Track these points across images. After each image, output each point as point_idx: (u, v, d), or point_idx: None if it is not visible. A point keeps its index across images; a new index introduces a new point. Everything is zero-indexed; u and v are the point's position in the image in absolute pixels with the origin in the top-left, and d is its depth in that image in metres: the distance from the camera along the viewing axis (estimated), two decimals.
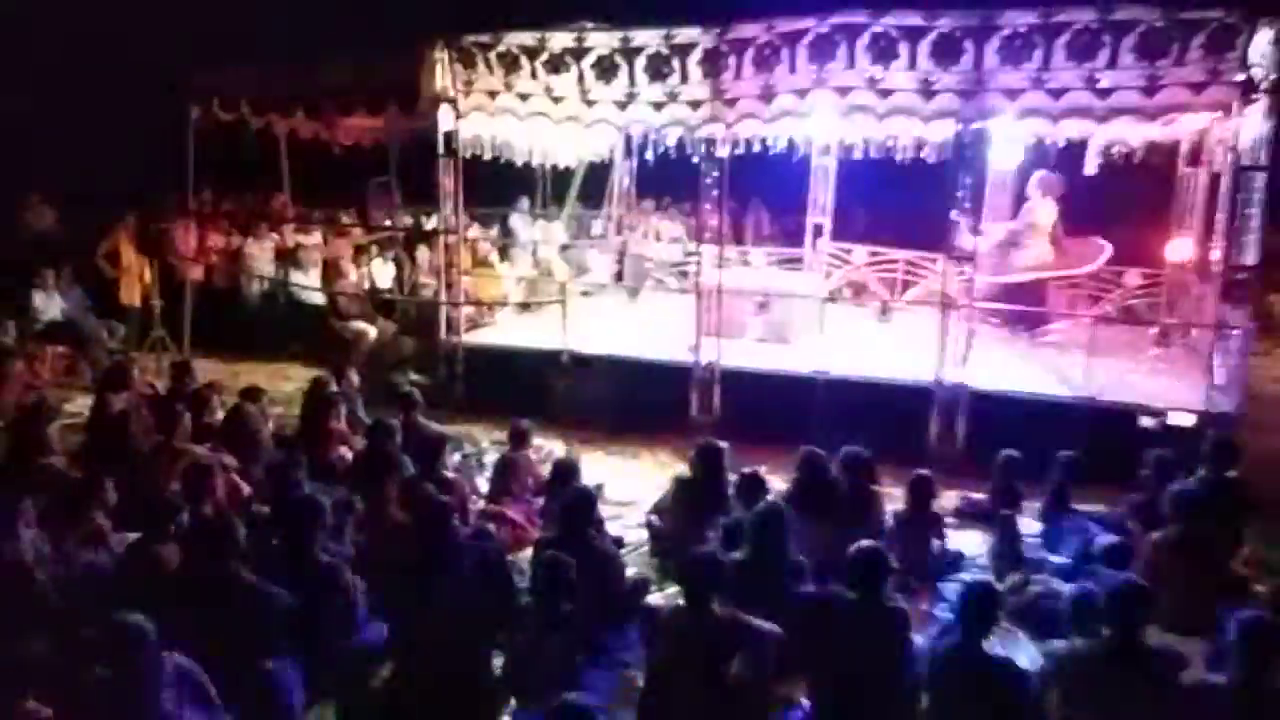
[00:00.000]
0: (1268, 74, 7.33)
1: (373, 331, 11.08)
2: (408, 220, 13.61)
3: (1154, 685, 3.97)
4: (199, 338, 11.03)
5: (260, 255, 12.09)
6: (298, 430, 7.33)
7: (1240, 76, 7.35)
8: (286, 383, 10.17)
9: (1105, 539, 6.09)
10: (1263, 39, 7.28)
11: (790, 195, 12.97)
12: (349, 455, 6.94)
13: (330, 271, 11.97)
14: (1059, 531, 6.37)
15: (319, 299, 11.68)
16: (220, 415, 7.29)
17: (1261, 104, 7.42)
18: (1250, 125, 7.57)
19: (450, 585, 4.72)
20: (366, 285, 12.00)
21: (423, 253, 12.32)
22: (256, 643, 4.36)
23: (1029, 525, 6.46)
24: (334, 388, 7.70)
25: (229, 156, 11.67)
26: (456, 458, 7.64)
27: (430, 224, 11.97)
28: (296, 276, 11.88)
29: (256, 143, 11.40)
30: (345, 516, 5.60)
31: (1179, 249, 10.27)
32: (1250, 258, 7.83)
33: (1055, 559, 6.10)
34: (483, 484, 7.14)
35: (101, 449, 6.85)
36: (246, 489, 6.29)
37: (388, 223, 13.45)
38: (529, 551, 5.68)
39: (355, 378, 8.29)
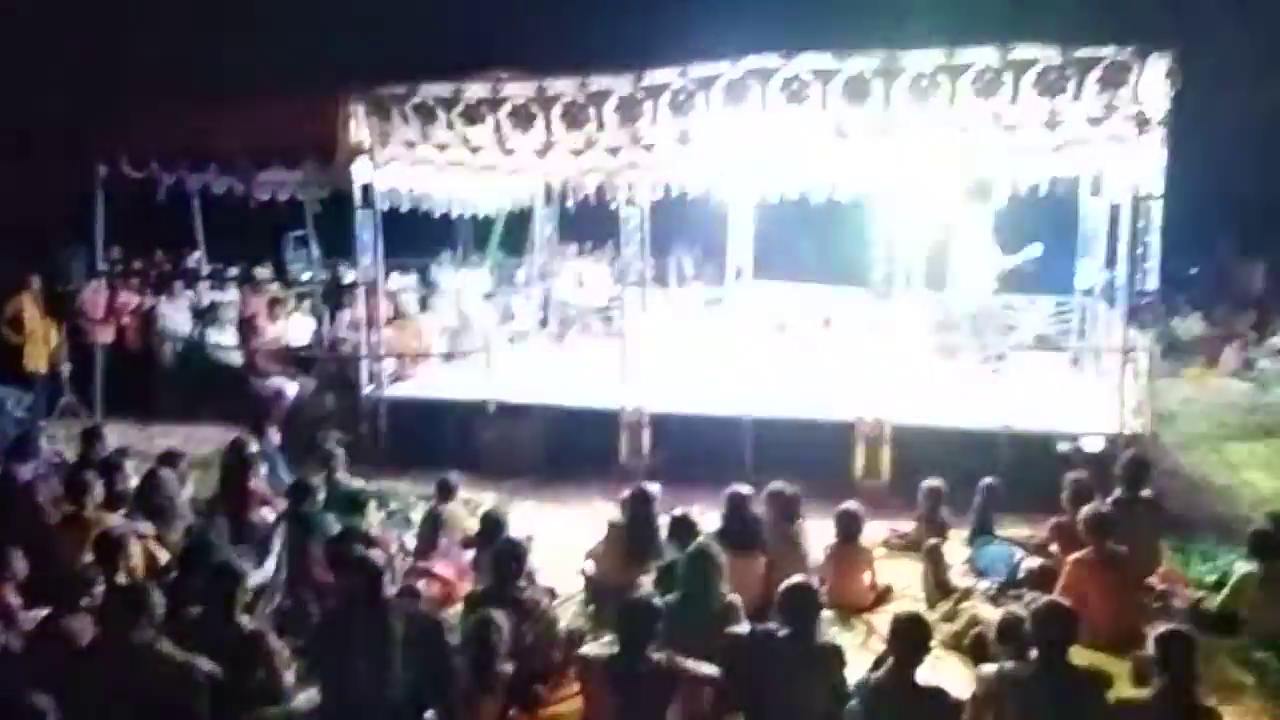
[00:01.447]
0: (1160, 107, 7.66)
1: (292, 388, 10.85)
2: (326, 274, 13.44)
3: (1081, 704, 4.03)
4: (111, 402, 10.70)
5: (174, 314, 11.81)
6: (217, 493, 7.13)
7: (1135, 110, 7.66)
8: (204, 445, 9.89)
9: (1029, 562, 6.22)
10: (1153, 74, 7.61)
11: (712, 237, 13.12)
12: (270, 516, 6.76)
13: (247, 329, 11.73)
14: (985, 557, 6.48)
15: (236, 357, 11.43)
16: (134, 481, 7.06)
17: (1155, 136, 7.74)
18: (1146, 156, 7.88)
19: (380, 647, 4.61)
20: (285, 341, 11.78)
21: (342, 306, 12.15)
22: (177, 717, 4.20)
23: (956, 552, 6.55)
24: (253, 448, 7.52)
25: (139, 213, 11.42)
26: (382, 514, 7.49)
27: (349, 277, 11.83)
28: (213, 335, 11.62)
29: (168, 199, 11.18)
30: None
31: (1086, 276, 10.61)
32: (1152, 283, 8.13)
33: (982, 584, 6.19)
34: (410, 540, 7.00)
35: (8, 521, 6.56)
36: (164, 556, 6.08)
37: (306, 277, 13.27)
38: (459, 607, 5.58)
39: (276, 436, 8.11)
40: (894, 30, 8.37)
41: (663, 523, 6.23)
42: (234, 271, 13.41)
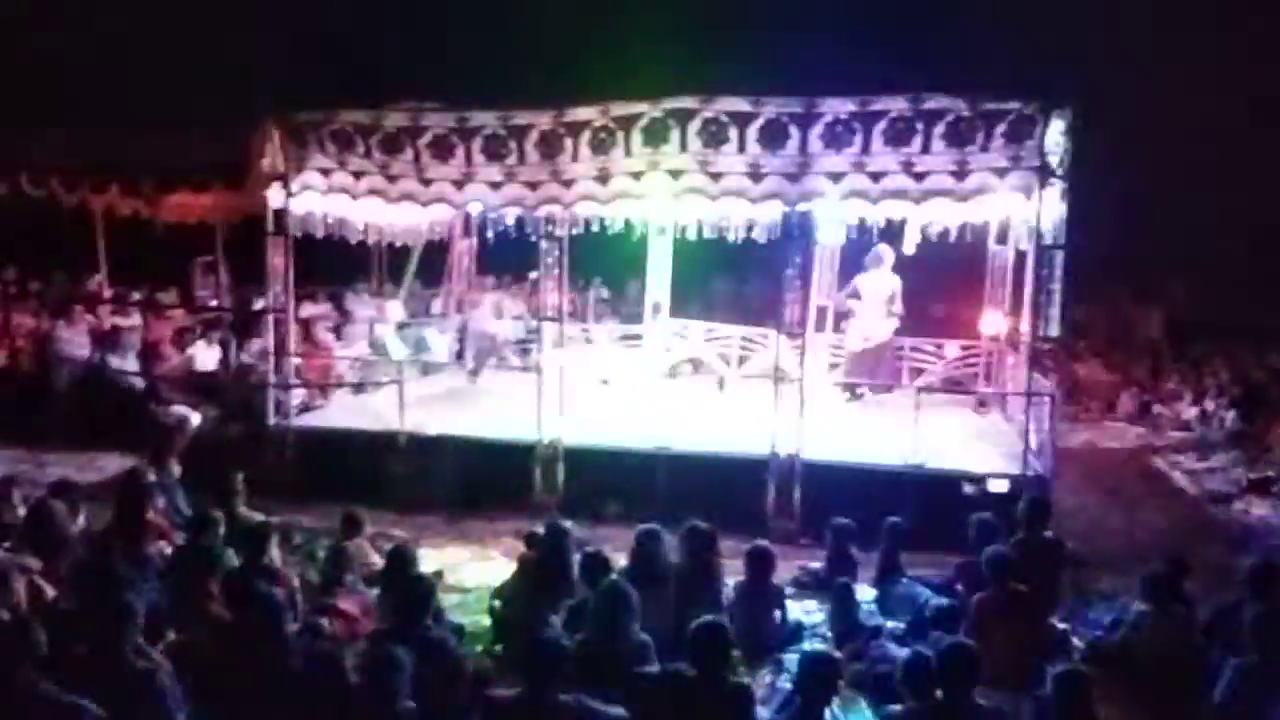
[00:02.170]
0: (1061, 160, 7.96)
1: (195, 417, 10.52)
2: (234, 301, 13.12)
3: None
4: (2, 427, 10.23)
5: (73, 338, 11.39)
6: (111, 525, 6.85)
7: (1038, 162, 7.95)
8: (100, 474, 9.52)
9: (936, 602, 6.31)
10: (1056, 129, 7.92)
11: (630, 273, 13.19)
12: (168, 550, 6.52)
13: (150, 355, 11.38)
14: (892, 597, 6.56)
15: (138, 384, 11.06)
16: (21, 511, 6.74)
17: (1057, 188, 8.04)
18: (1049, 207, 8.18)
19: (279, 685, 4.46)
20: (189, 369, 11.44)
21: (250, 334, 11.87)
22: None
23: (864, 592, 6.62)
24: (152, 478, 7.27)
25: (38, 233, 11.03)
26: (285, 549, 7.27)
27: (259, 304, 11.57)
28: (113, 360, 11.23)
29: (69, 219, 10.83)
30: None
31: (992, 322, 10.92)
32: (1055, 329, 8.40)
33: (889, 624, 6.26)
34: (314, 575, 6.81)
35: None
36: (51, 591, 5.80)
37: (213, 303, 12.94)
38: (363, 645, 5.43)
39: (176, 467, 7.85)
40: (809, 79, 8.52)
41: (574, 559, 6.18)
42: (138, 296, 13.01)
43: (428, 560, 7.26)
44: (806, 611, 6.61)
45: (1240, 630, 5.13)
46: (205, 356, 11.81)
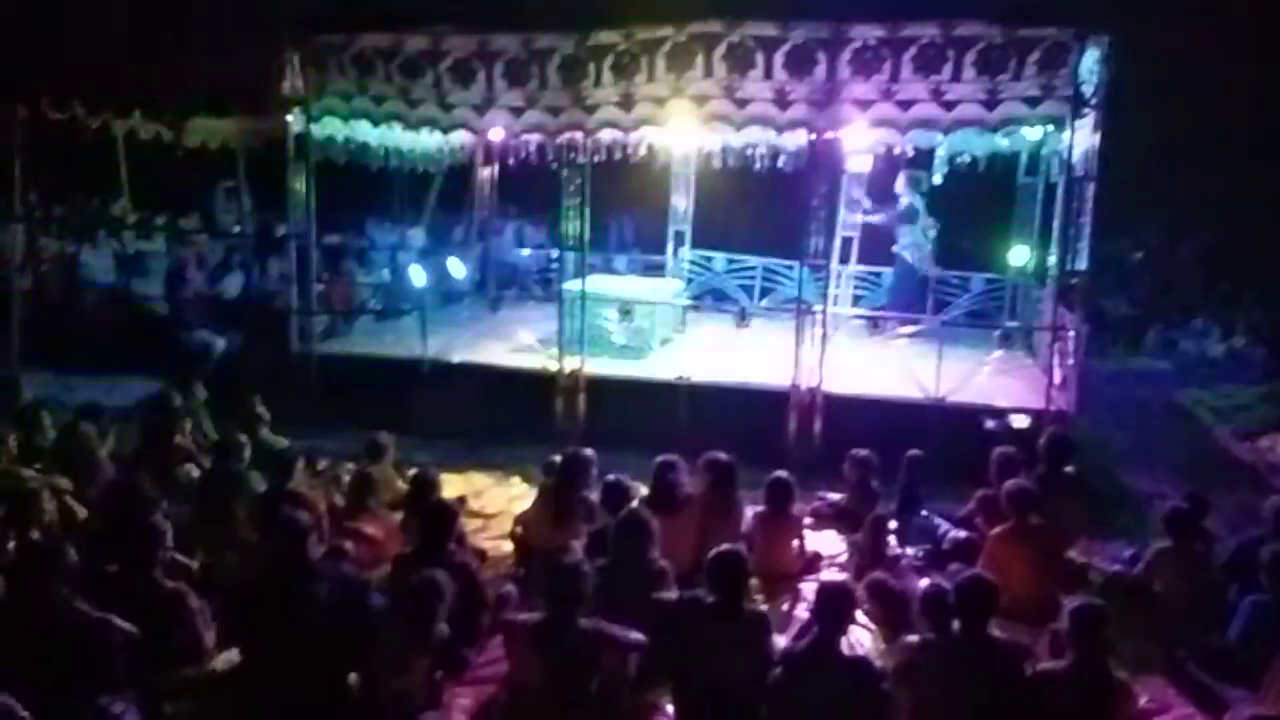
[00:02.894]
0: (1096, 90, 7.77)
1: (220, 342, 10.61)
2: (257, 226, 13.11)
3: (999, 676, 4.12)
4: (30, 351, 10.33)
5: (97, 263, 11.45)
6: (139, 448, 6.95)
7: (1071, 92, 7.76)
8: (126, 398, 9.62)
9: (954, 535, 6.34)
10: (1090, 57, 7.71)
11: (653, 203, 13.07)
12: (195, 473, 6.62)
13: (175, 279, 11.43)
14: (911, 528, 6.58)
15: (163, 309, 11.13)
16: (52, 435, 6.84)
17: (1090, 118, 7.86)
18: (1081, 138, 8.00)
19: (305, 608, 4.55)
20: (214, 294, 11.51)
21: (274, 260, 11.89)
22: (91, 678, 4.10)
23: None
24: (178, 402, 7.34)
25: (61, 158, 11.01)
26: (309, 474, 7.36)
27: (281, 230, 11.57)
28: (138, 285, 11.29)
29: (92, 144, 10.79)
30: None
31: (1019, 255, 10.79)
32: (1083, 263, 8.28)
33: (909, 554, 6.30)
34: (339, 500, 6.90)
35: None
36: (82, 512, 5.91)
37: (236, 229, 12.94)
38: (387, 568, 5.52)
39: (201, 391, 7.92)
40: (838, 3, 8.30)
41: (596, 488, 6.23)
42: (161, 221, 13.03)
43: (450, 486, 7.34)
44: (825, 542, 6.65)
45: (1259, 568, 5.13)
46: (229, 282, 11.86)
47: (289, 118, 9.10)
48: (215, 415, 7.88)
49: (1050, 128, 8.47)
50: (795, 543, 6.24)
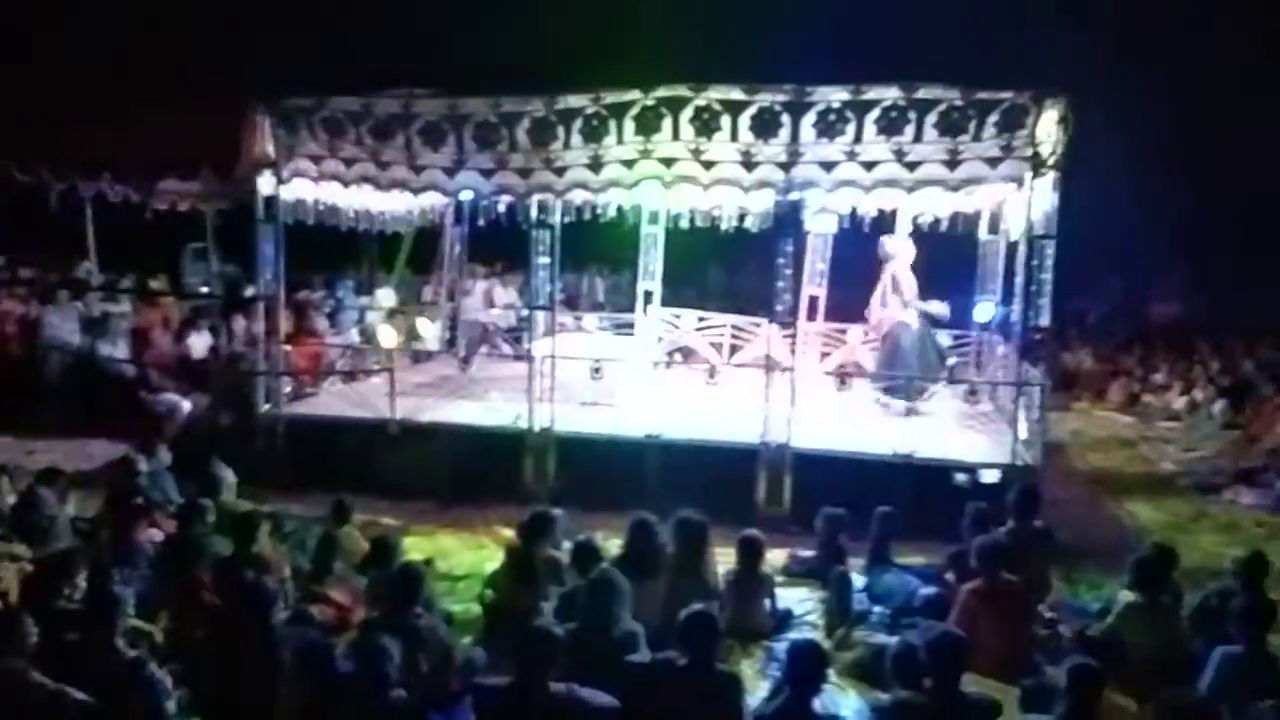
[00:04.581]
0: (1053, 150, 7.95)
1: (186, 404, 10.50)
2: (225, 287, 13.07)
3: None
4: None
5: (62, 325, 11.34)
6: (101, 513, 6.83)
7: (1030, 152, 7.94)
8: (89, 462, 9.49)
9: (925, 591, 6.33)
10: (1049, 118, 7.91)
11: (622, 262, 13.19)
12: (158, 537, 6.51)
13: (141, 341, 11.33)
14: (881, 585, 6.58)
15: (128, 371, 11.02)
16: (10, 500, 6.72)
17: (1049, 178, 8.04)
18: (1040, 197, 8.18)
19: (269, 674, 4.46)
20: (181, 356, 11.41)
21: (241, 322, 11.83)
22: None
23: (854, 580, 6.63)
24: (142, 466, 7.24)
25: (27, 221, 10.97)
26: (274, 538, 7.26)
27: (250, 291, 11.53)
28: (103, 347, 11.19)
29: (59, 206, 10.76)
30: None
31: (983, 311, 10.94)
32: (1045, 319, 8.41)
33: (878, 612, 6.28)
34: (304, 564, 6.81)
35: None
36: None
37: (203, 290, 12.89)
38: (354, 633, 5.43)
39: (166, 454, 7.82)
40: (802, 68, 8.50)
41: (565, 548, 6.19)
42: (128, 282, 12.96)
43: (418, 548, 7.27)
44: (797, 600, 6.62)
45: (1227, 620, 5.16)
46: (196, 343, 11.78)
47: (259, 180, 9.13)
48: (179, 478, 7.78)
49: (1011, 187, 8.65)
50: (767, 601, 6.21)
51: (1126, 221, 16.48)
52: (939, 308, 10.34)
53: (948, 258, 11.25)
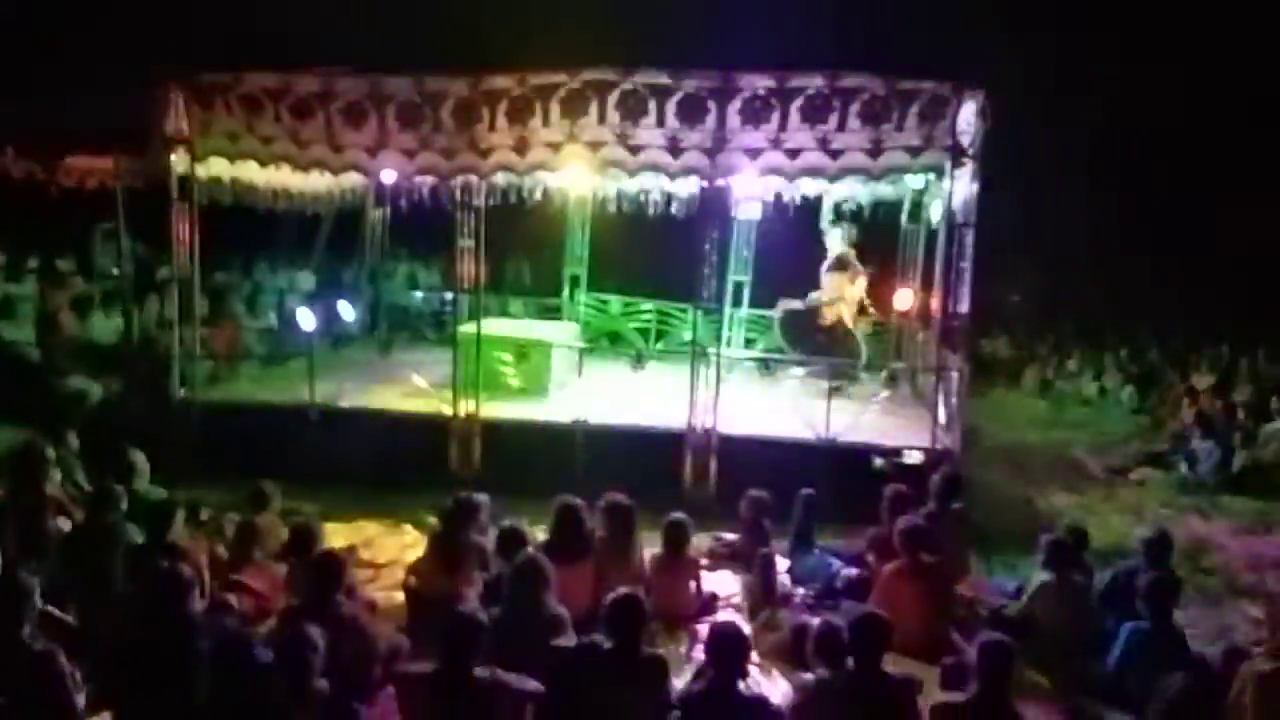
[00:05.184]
0: (973, 141, 8.11)
1: (96, 389, 10.16)
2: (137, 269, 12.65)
3: (893, 711, 4.18)
4: None
5: None
6: (6, 500, 6.57)
7: (950, 142, 8.08)
8: None
9: (847, 572, 6.44)
10: (968, 109, 8.06)
11: (549, 246, 13.12)
12: (67, 526, 6.29)
13: (48, 325, 10.92)
14: (804, 567, 6.67)
15: (34, 355, 10.61)
16: None
17: (969, 168, 8.20)
18: (960, 186, 8.34)
19: (186, 666, 4.35)
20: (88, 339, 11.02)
21: (154, 303, 11.48)
22: None
23: (777, 562, 6.71)
24: (49, 452, 6.99)
25: None
26: (190, 526, 7.07)
27: (163, 273, 11.19)
28: (7, 330, 10.75)
29: None
30: None
31: (903, 299, 11.13)
32: (964, 306, 8.59)
33: (801, 593, 6.37)
34: (222, 552, 6.65)
35: None
36: None
37: (114, 271, 12.46)
38: (274, 621, 5.33)
39: (74, 441, 7.56)
40: (727, 54, 8.53)
41: (491, 534, 6.15)
42: (33, 263, 12.46)
43: (340, 535, 7.16)
44: (721, 583, 6.69)
45: (1135, 597, 5.35)
46: (105, 327, 11.39)
47: (172, 157, 8.84)
48: (90, 465, 7.53)
49: (932, 176, 8.80)
50: (692, 584, 6.26)
51: (1043, 212, 16.92)
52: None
53: (869, 245, 11.42)
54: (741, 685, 4.30)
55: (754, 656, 5.58)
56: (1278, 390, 12.70)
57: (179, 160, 8.86)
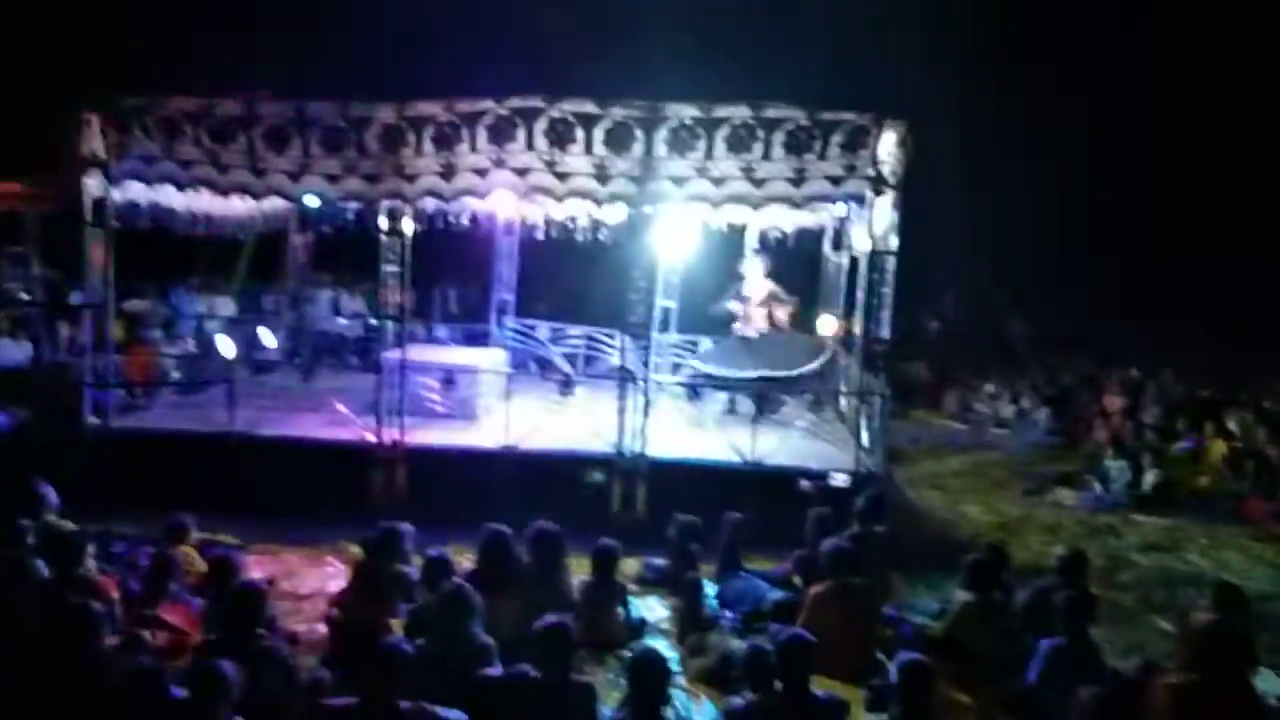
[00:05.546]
0: (894, 170, 8.30)
1: (2, 417, 9.81)
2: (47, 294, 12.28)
3: None
4: None
5: None
6: None
7: (872, 172, 8.26)
8: None
9: (774, 595, 6.48)
10: (889, 140, 8.25)
11: (476, 272, 13.05)
12: None
13: None
14: (732, 590, 6.70)
15: None
16: None
17: (889, 197, 8.38)
18: (881, 215, 8.52)
19: (95, 703, 4.19)
20: None
21: (65, 330, 11.15)
22: None
23: (705, 586, 6.73)
24: None
25: None
26: (101, 560, 6.84)
27: (77, 298, 10.86)
28: None
29: None
30: None
31: (827, 324, 11.29)
32: (886, 331, 8.76)
33: (729, 617, 6.39)
34: (136, 586, 6.44)
35: None
36: None
37: (24, 296, 12.07)
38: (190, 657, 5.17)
39: None
40: (654, 84, 8.62)
41: (416, 563, 6.07)
42: None
43: (260, 567, 6.99)
44: (650, 608, 6.68)
45: (1052, 613, 5.47)
46: (13, 353, 11.02)
47: (87, 181, 8.61)
48: None
49: (854, 205, 8.98)
50: (621, 610, 6.24)
51: (961, 240, 17.39)
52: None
53: (793, 272, 11.58)
54: (668, 712, 4.30)
55: (682, 681, 5.61)
56: (1183, 410, 13.20)
57: (94, 184, 8.63)
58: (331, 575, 7.20)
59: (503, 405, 9.15)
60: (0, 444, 9.33)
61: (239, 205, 10.17)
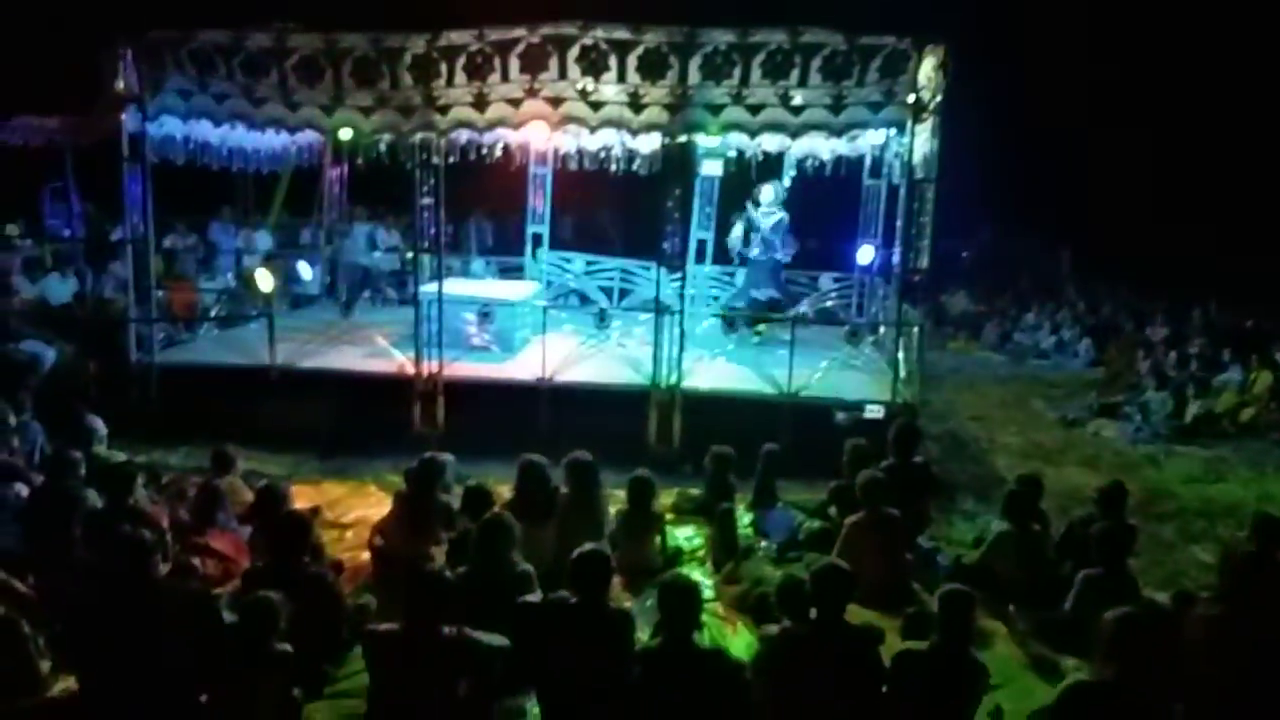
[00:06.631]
0: (933, 96, 8.11)
1: (50, 353, 9.99)
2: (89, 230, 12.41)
3: (856, 660, 4.26)
4: None
5: None
6: None
7: (911, 98, 8.08)
8: None
9: (809, 525, 6.53)
10: (928, 64, 8.05)
11: (510, 205, 13.01)
12: (24, 492, 6.21)
13: None
14: (767, 520, 6.75)
15: None
16: None
17: (929, 123, 8.21)
18: (921, 142, 8.35)
19: (147, 629, 4.33)
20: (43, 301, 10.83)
21: (109, 265, 11.29)
22: None
23: (741, 516, 6.79)
24: (4, 417, 6.88)
25: None
26: (151, 490, 7.01)
27: (117, 234, 10.98)
28: None
29: None
30: None
31: (865, 254, 11.18)
32: (925, 262, 8.65)
33: (764, 546, 6.45)
34: (185, 515, 6.60)
35: None
36: None
37: (65, 233, 12.22)
38: (239, 584, 5.31)
39: (30, 404, 7.44)
40: (689, 8, 8.43)
41: (455, 493, 6.16)
42: None
43: (304, 496, 7.13)
44: (686, 537, 6.75)
45: (1090, 545, 5.46)
46: (58, 289, 11.19)
47: (122, 116, 8.64)
48: (47, 430, 7.43)
49: (892, 132, 8.80)
50: (657, 539, 6.31)
51: (999, 169, 17.04)
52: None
53: (831, 200, 11.44)
54: (697, 638, 4.35)
55: (718, 609, 5.69)
56: (1229, 341, 12.97)
57: (129, 119, 8.66)
58: (374, 505, 7.32)
59: (539, 338, 9.19)
60: (48, 379, 9.51)
61: (274, 139, 10.18)
